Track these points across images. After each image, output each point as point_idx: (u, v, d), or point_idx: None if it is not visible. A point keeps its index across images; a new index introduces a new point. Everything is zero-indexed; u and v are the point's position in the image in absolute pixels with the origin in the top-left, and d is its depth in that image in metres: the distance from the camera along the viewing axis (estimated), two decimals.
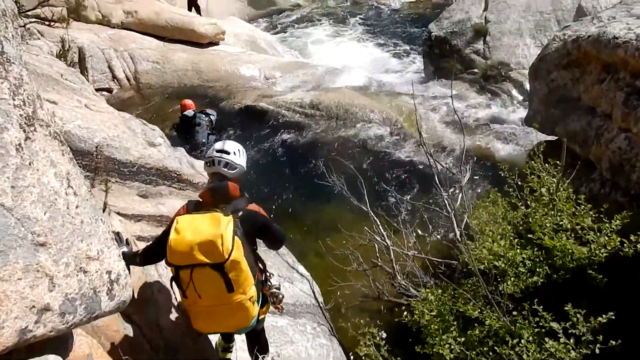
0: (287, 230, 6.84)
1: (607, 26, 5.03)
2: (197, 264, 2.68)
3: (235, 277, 2.75)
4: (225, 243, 2.67)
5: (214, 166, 3.10)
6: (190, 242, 2.68)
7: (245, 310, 2.90)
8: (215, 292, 2.77)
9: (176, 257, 2.72)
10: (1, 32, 1.96)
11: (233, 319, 2.93)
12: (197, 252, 2.67)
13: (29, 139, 1.97)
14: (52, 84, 6.04)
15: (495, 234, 4.29)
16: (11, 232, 1.79)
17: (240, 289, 2.81)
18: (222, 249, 2.66)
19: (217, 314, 2.87)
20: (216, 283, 2.73)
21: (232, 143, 3.22)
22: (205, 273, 2.70)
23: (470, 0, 12.35)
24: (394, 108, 9.87)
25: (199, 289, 2.75)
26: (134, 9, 11.90)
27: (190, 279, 2.73)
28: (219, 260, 2.67)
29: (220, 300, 2.81)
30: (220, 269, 2.69)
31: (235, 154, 3.16)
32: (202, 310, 2.87)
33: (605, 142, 4.80)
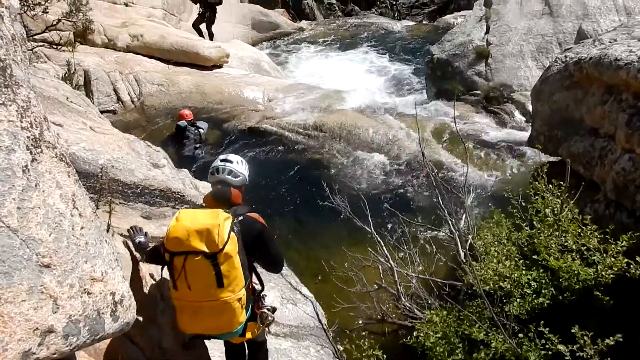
0: (291, 251, 6.84)
1: (609, 48, 5.07)
2: (191, 251, 2.76)
3: (227, 272, 2.79)
4: (221, 234, 2.75)
5: (218, 174, 3.26)
6: (187, 229, 2.77)
7: (231, 312, 2.88)
8: (204, 285, 2.80)
9: (172, 242, 2.80)
10: (10, 56, 1.99)
11: (218, 319, 2.91)
12: (193, 239, 2.75)
13: (36, 160, 1.99)
14: (57, 107, 6.10)
15: (500, 254, 4.26)
16: (16, 254, 1.80)
17: (230, 286, 2.82)
18: (217, 239, 2.74)
19: (203, 311, 2.87)
20: (207, 274, 2.77)
21: (234, 155, 3.42)
22: (198, 262, 2.76)
23: (471, 24, 12.48)
24: (397, 129, 9.90)
25: (189, 279, 2.80)
26: (139, 32, 12.05)
27: (183, 267, 2.78)
28: (213, 250, 2.74)
29: (208, 295, 2.82)
30: (213, 259, 2.75)
31: (238, 163, 3.35)
32: (189, 305, 2.89)
33: (609, 163, 4.80)
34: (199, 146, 9.62)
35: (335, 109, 10.92)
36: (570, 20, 10.83)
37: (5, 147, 1.86)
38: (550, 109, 6.25)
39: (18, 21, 2.55)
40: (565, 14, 10.95)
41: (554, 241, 4.02)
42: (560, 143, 5.89)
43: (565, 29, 10.78)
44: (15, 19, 2.25)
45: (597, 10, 10.70)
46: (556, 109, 6.13)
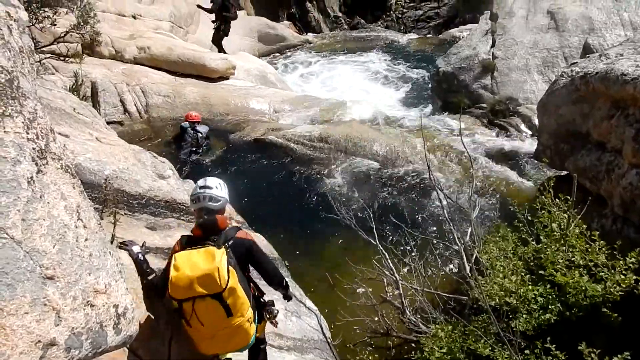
0: (295, 263, 6.80)
1: (615, 63, 5.07)
2: (198, 296, 2.95)
3: (233, 303, 3.03)
4: (221, 274, 2.94)
5: (200, 202, 3.39)
6: (190, 277, 2.94)
7: (244, 331, 3.17)
8: (216, 319, 3.03)
9: (178, 292, 2.98)
10: (18, 68, 2.00)
11: (234, 341, 3.19)
12: (197, 286, 2.93)
13: (41, 172, 1.99)
14: (64, 118, 6.13)
15: (506, 269, 4.22)
16: (20, 265, 1.79)
17: (238, 312, 3.08)
18: (220, 281, 2.93)
19: (219, 337, 3.13)
20: (216, 310, 3.00)
21: (212, 179, 3.51)
22: (206, 303, 2.97)
23: (477, 37, 12.51)
24: (403, 142, 9.90)
25: (201, 318, 3.01)
26: (147, 44, 12.14)
27: (193, 310, 2.99)
28: (217, 291, 2.95)
29: (221, 326, 3.06)
30: (219, 298, 2.97)
31: (217, 188, 3.43)
32: (206, 336, 3.13)
33: (616, 178, 4.78)
34: (194, 150, 9.63)
35: (341, 121, 10.93)
36: (576, 34, 10.84)
37: (11, 159, 1.86)
38: (557, 123, 6.24)
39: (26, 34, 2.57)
40: (571, 28, 10.97)
41: (560, 256, 3.99)
42: (567, 157, 5.87)
43: (571, 43, 10.78)
44: (23, 32, 2.26)
45: (603, 25, 10.72)
46: (562, 122, 6.12)
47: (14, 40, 2.15)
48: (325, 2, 24.58)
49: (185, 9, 16.52)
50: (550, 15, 11.55)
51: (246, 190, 8.48)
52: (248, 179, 9.03)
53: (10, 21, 2.21)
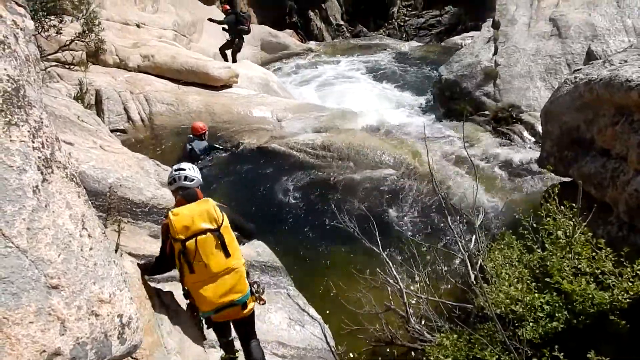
0: (299, 272, 6.78)
1: (619, 69, 5.06)
2: (200, 232, 3.35)
3: (229, 243, 3.43)
4: (217, 213, 3.43)
5: (176, 182, 3.76)
6: (190, 215, 3.38)
7: (242, 276, 3.54)
8: (216, 257, 3.38)
9: (181, 231, 3.34)
10: (24, 77, 2.00)
11: (235, 287, 3.50)
12: (198, 221, 3.36)
13: (46, 180, 1.99)
14: (69, 126, 6.15)
15: (512, 277, 4.20)
16: (25, 274, 1.78)
17: (234, 254, 3.46)
18: (217, 217, 3.41)
19: (222, 282, 3.44)
20: (216, 248, 3.38)
21: (185, 163, 3.93)
22: (207, 238, 3.36)
23: (479, 45, 12.52)
24: (405, 150, 9.89)
25: (203, 256, 3.35)
26: (150, 53, 12.18)
27: (196, 247, 3.33)
28: (215, 225, 3.39)
29: (221, 266, 3.41)
30: (217, 233, 3.38)
31: (190, 170, 3.82)
32: (210, 280, 3.41)
33: (621, 185, 4.75)
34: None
35: (343, 129, 10.93)
36: (579, 41, 10.84)
37: (16, 167, 1.86)
38: (560, 130, 6.22)
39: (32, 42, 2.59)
40: (573, 35, 10.97)
41: (567, 264, 3.96)
42: (571, 164, 5.85)
43: (574, 50, 10.78)
44: (30, 40, 2.28)
45: (606, 31, 10.72)
46: (566, 129, 6.10)
47: (21, 49, 2.16)
48: (327, 10, 24.68)
49: (189, 17, 16.61)
50: (552, 23, 11.56)
51: (249, 198, 8.48)
52: (251, 187, 9.03)
53: (17, 30, 2.22)
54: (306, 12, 23.59)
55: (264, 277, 5.89)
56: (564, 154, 6.11)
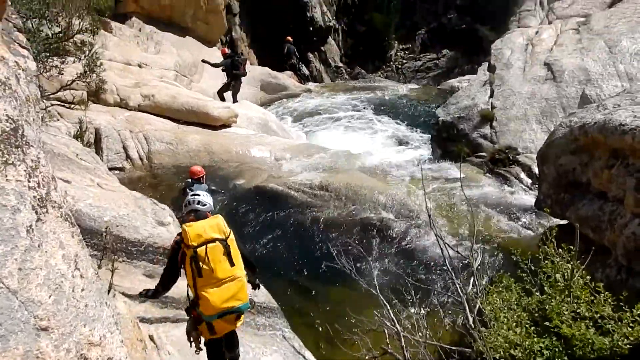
0: (295, 313, 6.68)
1: (613, 113, 5.13)
2: (210, 240, 3.76)
3: (234, 254, 3.83)
4: (225, 226, 3.90)
5: (190, 205, 4.21)
6: (202, 226, 3.84)
7: (244, 286, 3.88)
8: (222, 264, 3.75)
9: (194, 238, 3.76)
10: (23, 117, 2.02)
11: (238, 294, 3.81)
12: (210, 231, 3.80)
13: (40, 220, 1.98)
14: (67, 164, 6.17)
15: (511, 320, 4.13)
16: (14, 316, 1.75)
17: (238, 265, 3.84)
18: (225, 229, 3.87)
19: (226, 288, 3.76)
20: (223, 256, 3.76)
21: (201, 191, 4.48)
22: (216, 247, 3.76)
23: (476, 88, 12.73)
24: (403, 190, 9.91)
25: (212, 262, 3.72)
26: (151, 92, 12.35)
27: (206, 253, 3.71)
28: (224, 236, 3.82)
29: (227, 273, 3.76)
30: (224, 243, 3.79)
31: (204, 196, 4.31)
32: (216, 285, 3.74)
33: (619, 228, 4.75)
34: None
35: (341, 169, 10.98)
36: (573, 85, 11.03)
37: (11, 207, 1.85)
38: (557, 172, 6.25)
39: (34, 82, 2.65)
40: (568, 79, 11.17)
41: (565, 307, 3.91)
42: (568, 206, 5.85)
43: (569, 93, 10.95)
44: (31, 81, 2.32)
45: (599, 76, 10.92)
46: (563, 172, 6.13)
47: (21, 89, 2.19)
48: (326, 53, 25.15)
49: (190, 58, 16.90)
50: (547, 67, 11.79)
51: (246, 238, 8.42)
52: (248, 227, 8.99)
53: (19, 71, 2.25)
54: (306, 54, 24.03)
55: (259, 319, 5.80)
56: (560, 196, 6.13)
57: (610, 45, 11.53)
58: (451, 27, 26.67)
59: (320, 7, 24.57)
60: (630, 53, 11.18)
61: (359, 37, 26.50)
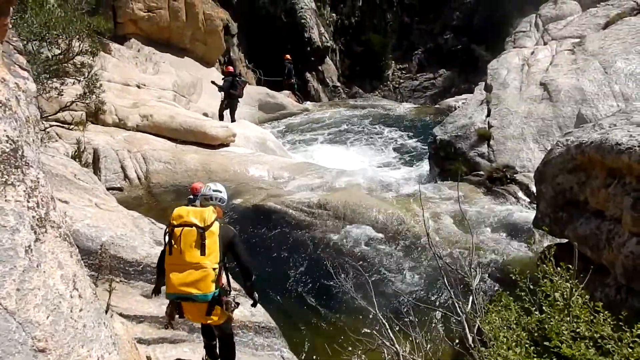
0: (293, 332, 6.63)
1: (609, 133, 5.17)
2: (188, 224, 3.87)
3: (209, 245, 3.86)
4: (209, 216, 3.94)
5: (211, 200, 4.28)
6: (187, 210, 3.99)
7: (206, 276, 3.85)
8: (192, 250, 3.82)
9: (175, 217, 3.93)
10: (23, 138, 2.03)
11: (197, 283, 3.83)
12: (191, 216, 3.91)
13: (39, 240, 1.98)
14: (65, 184, 6.17)
15: (510, 340, 4.10)
16: (11, 337, 1.74)
17: (209, 256, 3.85)
18: (207, 219, 3.91)
19: (186, 271, 3.83)
20: (195, 243, 3.83)
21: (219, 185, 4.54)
22: (191, 232, 3.85)
23: (473, 107, 12.82)
24: (401, 208, 9.91)
25: (182, 244, 3.83)
26: (149, 112, 12.41)
27: (180, 234, 3.85)
28: (203, 225, 3.88)
29: (193, 259, 3.82)
30: (201, 232, 3.85)
31: (223, 192, 4.43)
32: (178, 267, 3.84)
33: (617, 247, 4.74)
34: None
35: (340, 187, 10.99)
36: (569, 105, 11.11)
37: (10, 227, 1.86)
38: (554, 191, 6.27)
39: (34, 103, 2.68)
40: (564, 99, 11.26)
41: (565, 327, 3.88)
42: (566, 225, 5.86)
43: (565, 113, 11.03)
44: (31, 102, 2.34)
45: (594, 95, 11.01)
46: (560, 191, 6.15)
47: (21, 110, 2.20)
48: (324, 72, 25.38)
49: (189, 78, 17.03)
50: (543, 87, 11.89)
51: None
52: (246, 245, 8.95)
53: (19, 92, 2.27)
54: (303, 74, 24.23)
55: (257, 339, 5.75)
56: (558, 214, 6.14)
57: (605, 66, 11.65)
58: (447, 48, 27.02)
59: (318, 27, 24.88)
60: (625, 74, 11.28)
61: (356, 57, 26.81)
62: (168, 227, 3.97)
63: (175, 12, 17.68)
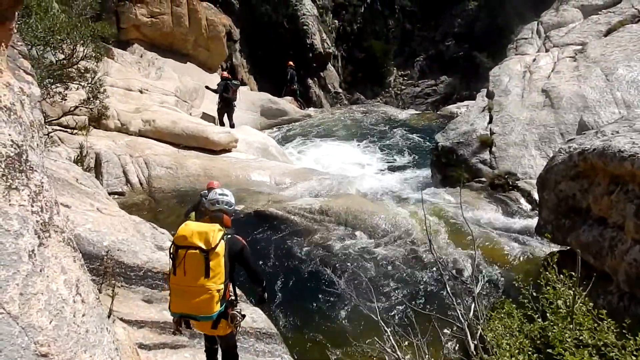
0: (294, 339, 6.61)
1: (612, 140, 5.17)
2: (192, 247, 3.76)
3: (213, 267, 3.75)
4: (214, 238, 3.80)
5: (218, 205, 4.24)
6: (192, 230, 3.84)
7: (210, 298, 3.78)
8: (195, 272, 3.73)
9: (179, 239, 3.82)
10: (27, 142, 2.03)
11: (199, 301, 3.77)
12: (195, 237, 3.78)
13: (43, 245, 1.98)
14: (67, 188, 6.18)
15: (513, 347, 4.09)
16: (14, 342, 1.74)
17: (213, 278, 3.77)
18: (212, 240, 3.77)
19: (189, 293, 3.78)
20: (199, 265, 3.73)
21: (227, 190, 4.47)
22: (195, 254, 3.74)
23: (474, 114, 12.82)
24: (403, 215, 9.90)
25: (186, 266, 3.74)
26: (152, 117, 12.44)
27: (184, 257, 3.75)
28: (207, 247, 3.75)
29: (196, 281, 3.75)
30: (206, 255, 3.74)
31: (230, 197, 4.37)
32: (181, 289, 3.80)
33: (619, 254, 4.73)
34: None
35: (341, 193, 10.99)
36: (571, 112, 11.10)
37: (13, 232, 1.85)
38: (557, 198, 6.26)
39: (38, 108, 2.69)
40: (566, 106, 11.25)
41: (568, 334, 3.87)
42: (569, 232, 5.85)
43: (567, 120, 11.02)
44: (35, 106, 2.35)
45: (596, 103, 11.00)
46: (562, 198, 6.14)
47: (26, 114, 2.21)
48: (326, 79, 25.42)
49: (191, 84, 17.07)
50: (545, 94, 11.89)
51: None
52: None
53: (23, 96, 2.28)
54: (305, 80, 24.28)
55: (258, 345, 5.73)
56: (561, 222, 6.13)
57: (607, 73, 11.65)
58: (449, 54, 27.04)
59: (320, 34, 24.93)
60: (627, 81, 11.29)
61: (358, 64, 26.85)
62: (172, 246, 3.90)
63: (178, 18, 17.77)
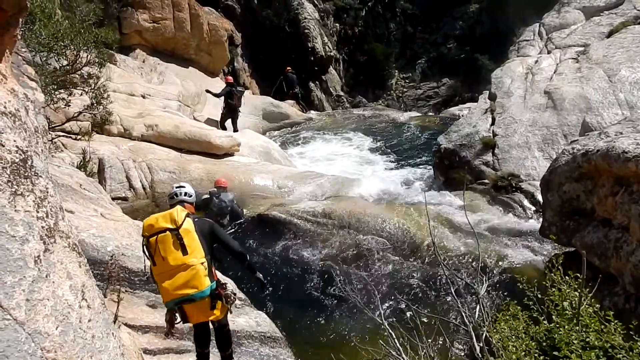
0: (299, 342, 6.59)
1: (615, 141, 5.15)
2: (160, 231, 3.91)
3: (189, 243, 3.92)
4: (178, 216, 4.00)
5: (178, 197, 4.45)
6: (156, 217, 4.04)
7: (197, 273, 3.91)
8: (174, 253, 3.87)
9: (147, 228, 3.98)
10: (32, 148, 2.04)
11: (190, 282, 3.89)
12: (161, 222, 3.96)
13: (48, 250, 1.98)
14: (70, 194, 6.19)
15: (519, 350, 4.07)
16: (21, 348, 1.73)
17: (192, 253, 3.92)
18: (177, 219, 3.97)
19: (177, 274, 3.87)
20: (174, 245, 3.88)
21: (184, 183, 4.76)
22: (166, 236, 3.90)
23: (477, 116, 12.80)
24: (406, 218, 9.88)
25: (162, 252, 3.87)
26: (154, 122, 12.45)
27: (156, 243, 3.88)
28: (174, 226, 3.93)
29: (178, 261, 3.87)
30: (177, 233, 3.91)
31: (188, 187, 4.61)
32: (167, 273, 3.88)
33: (625, 256, 4.71)
34: (219, 219, 9.51)
35: (344, 196, 10.98)
36: (574, 113, 11.08)
37: (19, 237, 1.85)
38: (561, 200, 6.24)
39: (42, 114, 2.70)
40: (568, 107, 11.23)
41: (574, 336, 3.85)
42: (573, 233, 5.83)
43: (570, 121, 11.00)
44: (39, 112, 2.36)
45: (599, 104, 10.98)
46: (567, 199, 6.12)
47: (30, 120, 2.21)
48: (327, 82, 25.45)
49: (193, 89, 17.10)
50: (547, 95, 11.87)
51: None
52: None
53: (28, 102, 2.28)
54: (307, 84, 24.30)
55: (263, 349, 5.72)
56: (565, 223, 6.11)
57: (609, 74, 11.64)
58: (451, 57, 27.06)
59: (321, 37, 24.98)
60: (630, 82, 11.27)
61: (360, 67, 26.88)
62: (143, 239, 4.00)
63: (180, 23, 17.81)
